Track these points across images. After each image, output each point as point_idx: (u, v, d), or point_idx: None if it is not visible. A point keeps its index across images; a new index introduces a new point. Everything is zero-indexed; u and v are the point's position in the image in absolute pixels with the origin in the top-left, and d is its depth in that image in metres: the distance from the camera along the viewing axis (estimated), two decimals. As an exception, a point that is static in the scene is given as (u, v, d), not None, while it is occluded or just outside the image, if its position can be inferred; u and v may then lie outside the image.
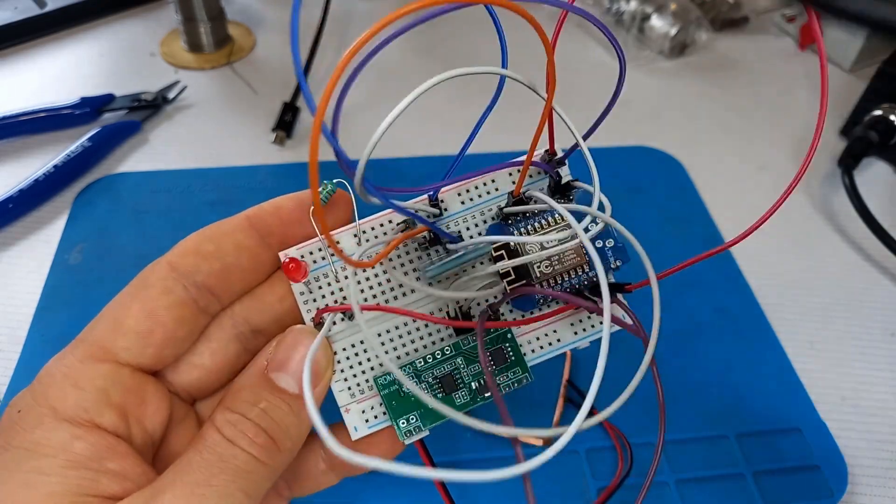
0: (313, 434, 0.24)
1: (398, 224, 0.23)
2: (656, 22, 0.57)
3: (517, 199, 0.23)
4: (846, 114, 0.51)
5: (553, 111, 0.20)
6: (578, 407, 0.35)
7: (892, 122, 0.47)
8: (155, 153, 0.47)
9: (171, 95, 0.50)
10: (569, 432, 0.14)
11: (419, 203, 0.23)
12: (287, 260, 0.21)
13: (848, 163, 0.47)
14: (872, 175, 0.49)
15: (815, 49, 0.59)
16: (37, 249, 0.41)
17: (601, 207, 0.21)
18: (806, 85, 0.57)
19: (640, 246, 0.20)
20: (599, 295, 0.22)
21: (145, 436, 0.22)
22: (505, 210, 0.23)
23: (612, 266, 0.23)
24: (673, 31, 0.57)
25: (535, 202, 0.22)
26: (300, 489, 0.25)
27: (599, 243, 0.23)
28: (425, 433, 0.22)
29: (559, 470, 0.33)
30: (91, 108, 0.48)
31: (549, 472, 0.33)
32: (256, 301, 0.24)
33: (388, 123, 0.16)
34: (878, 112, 0.48)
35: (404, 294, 0.23)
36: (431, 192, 0.22)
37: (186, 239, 0.23)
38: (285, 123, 0.49)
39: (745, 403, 0.36)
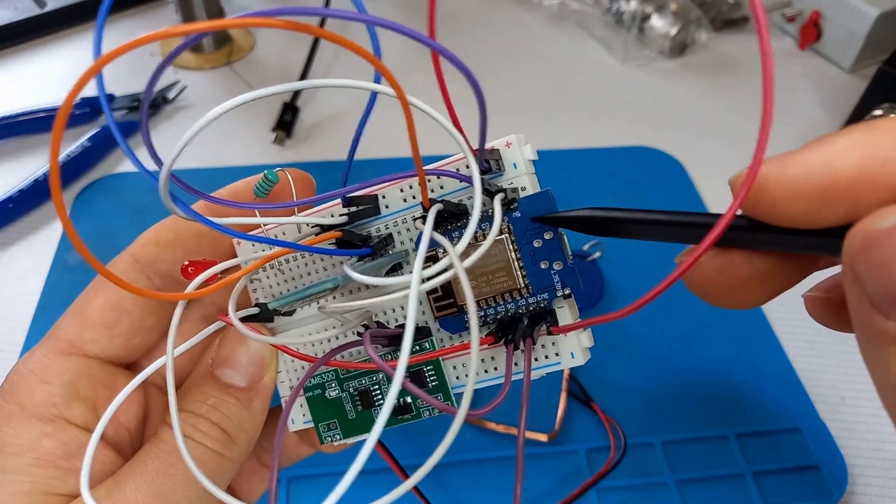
0: (280, 411, 0.25)
1: (340, 214, 0.21)
2: (656, 22, 0.57)
3: (428, 207, 0.19)
4: (846, 114, 0.51)
5: (410, 105, 0.15)
6: (580, 400, 0.35)
7: (893, 122, 0.47)
8: (155, 153, 0.47)
9: (171, 95, 0.51)
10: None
11: (333, 207, 0.21)
12: (187, 263, 0.20)
13: (848, 163, 0.47)
14: (872, 175, 0.49)
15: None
16: (36, 249, 0.41)
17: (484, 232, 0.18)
18: (806, 85, 0.57)
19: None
20: (534, 329, 0.19)
21: (119, 428, 0.22)
22: (416, 222, 0.20)
23: (560, 293, 0.19)
24: (673, 31, 0.57)
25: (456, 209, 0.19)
26: (285, 459, 0.25)
27: (545, 264, 0.19)
28: (363, 436, 0.22)
29: (559, 469, 0.33)
30: (91, 108, 0.48)
31: (549, 472, 0.33)
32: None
33: (184, 142, 0.15)
34: (878, 112, 0.48)
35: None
36: (339, 196, 0.20)
37: (147, 230, 0.23)
38: (285, 123, 0.49)
39: (745, 403, 0.36)
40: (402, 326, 0.21)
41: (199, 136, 0.14)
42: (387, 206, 0.21)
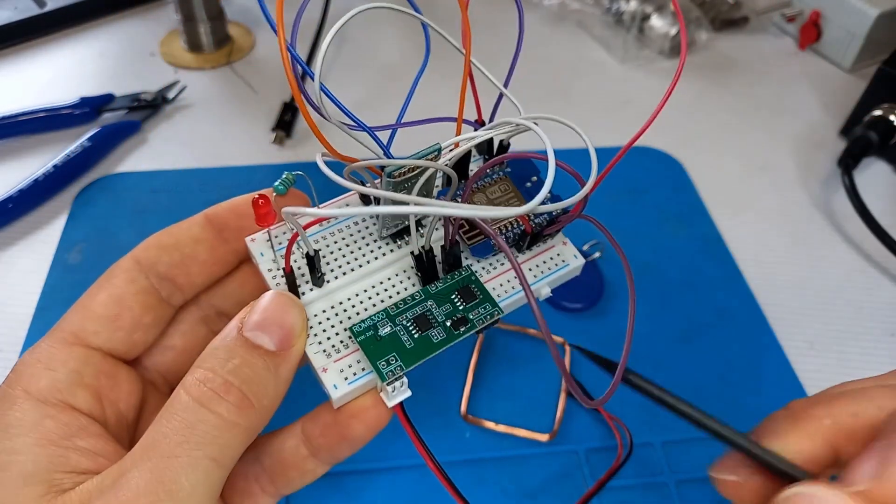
0: (276, 435, 0.24)
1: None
2: (656, 22, 0.57)
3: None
4: (846, 114, 0.51)
5: (472, 65, 0.21)
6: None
7: (892, 122, 0.47)
8: (154, 153, 0.47)
9: (170, 95, 0.50)
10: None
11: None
12: (257, 196, 0.20)
13: (848, 163, 0.47)
14: (872, 175, 0.49)
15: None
16: (36, 249, 0.41)
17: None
18: (806, 84, 0.57)
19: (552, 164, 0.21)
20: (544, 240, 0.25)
21: (119, 417, 0.23)
22: (443, 144, 0.23)
23: (553, 212, 0.25)
24: (673, 31, 0.57)
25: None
26: (285, 481, 0.24)
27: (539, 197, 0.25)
28: (407, 393, 0.22)
29: (558, 470, 0.33)
30: (91, 108, 0.48)
31: (548, 472, 0.33)
32: (219, 287, 0.26)
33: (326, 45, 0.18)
34: (877, 112, 0.48)
35: (375, 258, 0.24)
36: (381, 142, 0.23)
37: (151, 236, 0.24)
38: (285, 123, 0.49)
39: (744, 403, 0.36)
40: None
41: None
42: None
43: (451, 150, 0.22)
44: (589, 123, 0.52)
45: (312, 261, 0.22)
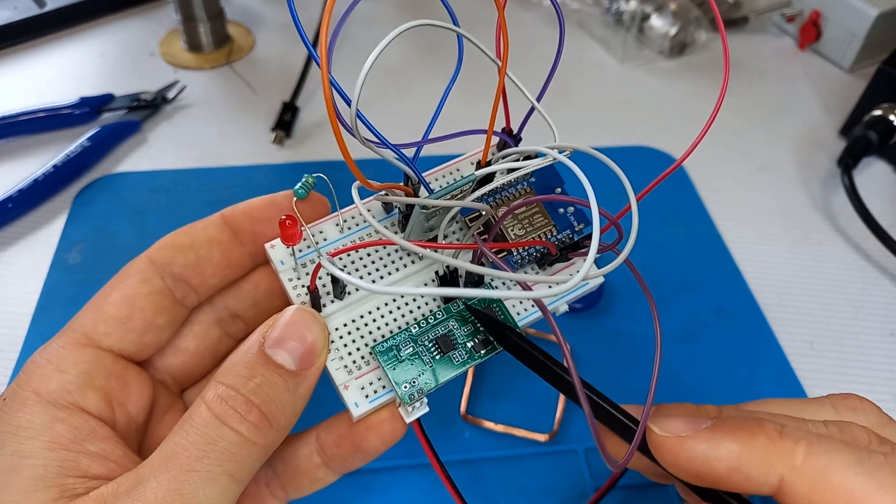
0: (294, 439, 0.25)
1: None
2: (656, 22, 0.57)
3: (484, 166, 0.24)
4: (846, 114, 0.51)
5: (507, 77, 0.21)
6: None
7: (892, 121, 0.47)
8: (154, 153, 0.47)
9: (170, 95, 0.51)
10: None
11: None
12: (285, 217, 0.20)
13: (847, 163, 0.47)
14: (872, 175, 0.49)
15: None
16: (36, 249, 0.41)
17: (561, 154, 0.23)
18: (806, 84, 0.57)
19: (591, 192, 0.20)
20: (573, 251, 0.25)
21: (129, 420, 0.23)
22: (477, 174, 0.23)
23: (577, 229, 0.25)
24: (673, 31, 0.57)
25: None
26: (296, 487, 0.24)
27: (561, 210, 0.25)
28: (425, 409, 0.22)
29: (558, 470, 0.33)
30: (90, 107, 0.48)
31: (547, 472, 0.33)
32: (233, 289, 0.25)
33: (366, 71, 0.18)
34: (877, 112, 0.48)
35: (396, 269, 0.24)
36: (407, 161, 0.23)
37: (165, 235, 0.24)
38: (284, 123, 0.49)
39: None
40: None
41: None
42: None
43: (490, 177, 0.22)
44: (588, 123, 0.52)
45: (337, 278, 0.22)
